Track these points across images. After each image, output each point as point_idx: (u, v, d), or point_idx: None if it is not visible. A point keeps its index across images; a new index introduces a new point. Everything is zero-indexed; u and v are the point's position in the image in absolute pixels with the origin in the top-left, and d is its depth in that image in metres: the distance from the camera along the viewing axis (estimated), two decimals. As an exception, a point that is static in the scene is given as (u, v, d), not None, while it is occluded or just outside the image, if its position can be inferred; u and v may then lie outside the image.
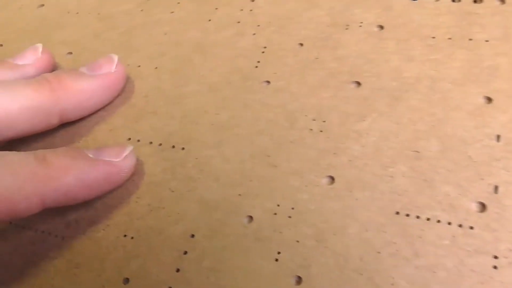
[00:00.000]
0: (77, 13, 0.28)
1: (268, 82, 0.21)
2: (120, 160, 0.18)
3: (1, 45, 0.27)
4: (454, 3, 0.21)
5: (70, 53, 0.25)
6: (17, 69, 0.21)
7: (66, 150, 0.18)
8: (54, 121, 0.20)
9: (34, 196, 0.16)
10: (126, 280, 0.17)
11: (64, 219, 0.18)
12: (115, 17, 0.26)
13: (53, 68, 0.24)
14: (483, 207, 0.15)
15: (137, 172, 0.19)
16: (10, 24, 0.29)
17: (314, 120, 0.19)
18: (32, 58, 0.22)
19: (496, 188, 0.16)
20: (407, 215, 0.16)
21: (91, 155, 0.18)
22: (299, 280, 0.15)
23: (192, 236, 0.17)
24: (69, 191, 0.17)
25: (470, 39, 0.20)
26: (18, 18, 0.29)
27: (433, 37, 0.20)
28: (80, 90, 0.20)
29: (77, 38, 0.26)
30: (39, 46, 0.23)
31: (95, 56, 0.24)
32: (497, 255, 0.14)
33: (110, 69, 0.21)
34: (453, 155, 0.17)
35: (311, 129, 0.19)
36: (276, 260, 0.16)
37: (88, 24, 0.27)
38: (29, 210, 0.16)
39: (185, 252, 0.17)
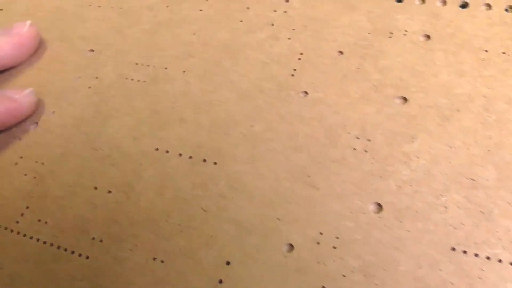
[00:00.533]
0: (99, 6, 0.26)
1: (306, 92, 0.19)
2: (20, 96, 0.20)
3: (17, 37, 0.26)
4: (507, 13, 0.20)
5: (92, 50, 0.24)
6: None
7: None
8: None
9: None
10: (156, 309, 0.15)
11: (88, 235, 0.17)
12: (138, 12, 0.25)
13: None
14: (546, 245, 0.14)
15: (164, 185, 0.18)
16: (29, 14, 0.27)
17: (358, 138, 0.17)
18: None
19: (560, 224, 0.14)
20: (464, 252, 0.14)
21: None
22: (346, 319, 0.14)
23: (228, 263, 0.16)
24: None
25: (527, 54, 0.18)
26: (37, 8, 0.27)
27: (486, 51, 0.19)
28: None
29: (98, 33, 0.25)
30: None
31: (118, 54, 0.23)
32: None
33: (22, 30, 0.23)
34: (513, 185, 0.15)
35: (355, 148, 0.17)
36: (320, 295, 0.15)
37: (109, 18, 0.25)
38: None
39: (220, 281, 0.15)
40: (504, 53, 0.19)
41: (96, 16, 0.26)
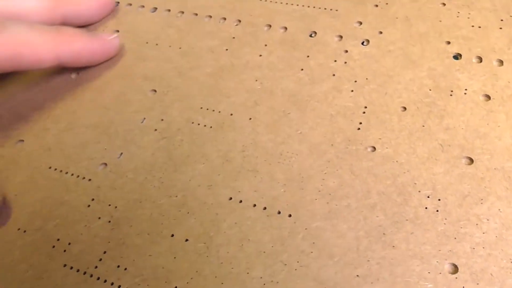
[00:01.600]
0: (157, 44, 0.27)
1: (374, 148, 0.20)
2: (110, 38, 0.26)
3: (77, 73, 0.27)
4: None
5: (154, 90, 0.25)
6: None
7: (76, 28, 0.25)
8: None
9: (53, 51, 0.23)
10: None
11: (170, 285, 0.18)
12: (199, 54, 0.26)
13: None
14: None
15: (244, 237, 0.19)
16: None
17: (428, 197, 0.19)
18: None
19: None
20: (540, 316, 0.16)
21: (90, 33, 0.25)
22: None
23: (312, 317, 0.17)
24: (77, 54, 0.24)
25: None
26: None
27: (546, 114, 0.20)
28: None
29: (160, 74, 0.25)
30: None
31: (181, 97, 0.24)
32: None
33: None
34: None
35: (426, 208, 0.18)
36: None
37: (170, 58, 0.26)
38: (48, 61, 0.23)
39: (307, 336, 0.16)
40: None
41: (156, 56, 0.27)
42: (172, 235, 0.19)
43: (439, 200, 0.18)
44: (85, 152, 0.23)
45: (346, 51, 0.24)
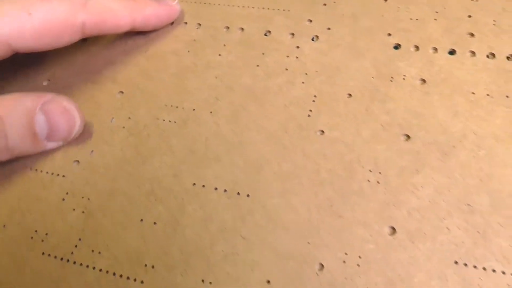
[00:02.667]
0: (124, 50, 0.29)
1: (323, 132, 0.23)
2: (173, 4, 0.28)
3: (49, 80, 0.28)
4: (489, 60, 0.24)
5: (122, 92, 0.27)
6: None
7: None
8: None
9: (129, 16, 0.26)
10: (212, 325, 0.18)
11: (141, 263, 0.20)
12: (163, 57, 0.28)
13: None
14: (532, 258, 0.18)
15: (208, 218, 0.21)
16: (57, 56, 0.30)
17: (370, 171, 0.21)
18: None
19: (542, 241, 0.18)
20: (465, 264, 0.18)
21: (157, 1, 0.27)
22: (374, 326, 0.17)
23: (268, 282, 0.18)
24: (148, 19, 0.27)
25: (507, 96, 0.22)
26: (64, 51, 0.30)
27: (473, 93, 0.22)
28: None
29: (127, 77, 0.27)
30: None
31: (148, 97, 0.26)
32: (547, 303, 0.17)
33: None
34: (502, 209, 0.19)
35: (369, 181, 0.20)
36: (351, 307, 0.17)
37: (137, 62, 0.28)
38: (126, 25, 0.26)
39: (264, 298, 0.18)
40: (488, 95, 0.22)
41: (124, 60, 0.28)
42: (141, 220, 0.21)
43: (380, 173, 0.21)
44: (59, 152, 0.25)
45: (298, 47, 0.26)
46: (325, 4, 0.28)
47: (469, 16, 0.26)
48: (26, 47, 0.24)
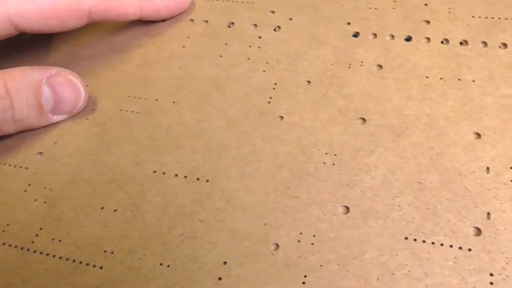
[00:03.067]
0: (91, 45, 0.29)
1: (282, 117, 0.23)
2: None
3: None
4: (443, 45, 0.24)
5: (87, 85, 0.27)
6: None
7: None
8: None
9: (138, 6, 0.26)
10: (168, 306, 0.18)
11: (100, 249, 0.20)
12: (129, 50, 0.28)
13: None
14: (479, 231, 0.18)
15: (167, 203, 0.21)
16: (18, 50, 0.30)
17: (326, 154, 0.21)
18: None
19: (488, 215, 0.18)
20: (415, 239, 0.18)
21: None
22: (326, 301, 0.17)
23: (225, 263, 0.19)
24: (156, 9, 0.27)
25: (459, 79, 0.23)
26: (28, 45, 0.30)
27: (427, 77, 0.23)
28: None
29: (93, 70, 0.28)
30: None
31: (112, 89, 0.26)
32: (493, 273, 0.17)
33: None
34: (451, 185, 0.19)
35: (325, 163, 0.21)
36: (303, 283, 0.18)
37: (103, 56, 0.28)
38: (133, 14, 0.27)
39: (220, 278, 0.18)
40: (441, 78, 0.23)
41: (91, 54, 0.29)
42: (102, 208, 0.21)
43: (336, 155, 0.21)
44: (22, 145, 0.25)
45: (260, 37, 0.27)
46: (287, -5, 0.29)
47: (426, 4, 0.26)
48: (31, 28, 0.25)
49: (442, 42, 0.24)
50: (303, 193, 0.20)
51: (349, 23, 0.26)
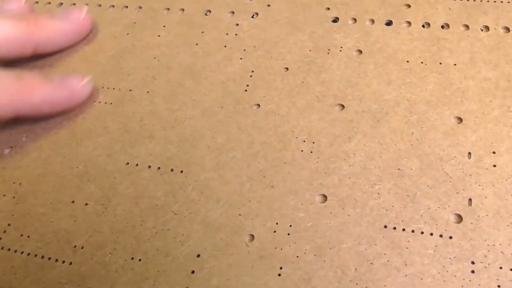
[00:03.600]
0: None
1: (259, 105, 0.22)
2: (79, 86, 0.23)
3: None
4: (424, 29, 0.24)
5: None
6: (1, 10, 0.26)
7: (38, 73, 0.23)
8: (28, 51, 0.24)
9: (9, 105, 0.21)
10: (139, 301, 0.18)
11: (70, 244, 0.19)
12: (102, 40, 0.27)
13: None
14: (460, 218, 0.17)
15: (139, 195, 0.20)
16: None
17: (304, 141, 0.20)
18: (16, 5, 0.26)
19: (470, 201, 0.18)
20: (394, 228, 0.18)
21: (56, 80, 0.23)
22: (302, 292, 0.17)
23: (198, 256, 0.18)
24: (37, 105, 0.22)
25: (441, 63, 0.22)
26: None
27: (408, 61, 0.22)
28: (52, 29, 0.25)
29: (64, 62, 0.27)
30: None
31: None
32: (474, 261, 0.17)
33: (79, 16, 0.26)
34: (431, 172, 0.19)
35: (302, 150, 0.20)
36: (279, 275, 0.17)
37: (75, 46, 0.27)
38: (4, 115, 0.21)
39: (193, 272, 0.18)
40: (422, 63, 0.22)
41: (62, 46, 0.28)
42: (73, 202, 0.21)
43: (313, 143, 0.20)
44: (-8, 139, 0.24)
45: (237, 25, 0.26)
46: (265, -18, 0.28)
47: (406, -12, 0.26)
48: None
49: (423, 26, 0.24)
50: (280, 182, 0.19)
51: (328, 8, 0.26)
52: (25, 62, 0.26)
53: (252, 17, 0.26)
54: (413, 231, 0.17)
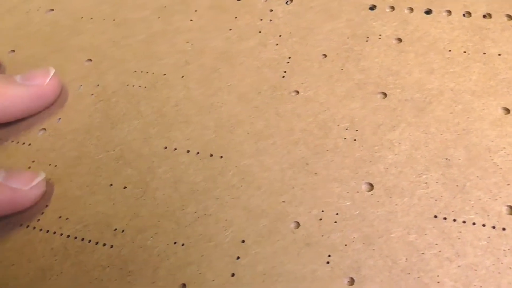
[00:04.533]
0: (91, 18, 0.28)
1: (297, 92, 0.22)
2: (27, 188, 0.19)
3: (13, 50, 0.27)
4: (465, 18, 0.23)
5: (90, 60, 0.26)
6: None
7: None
8: None
9: None
10: (183, 286, 0.17)
11: (110, 227, 0.19)
12: (132, 24, 0.27)
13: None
14: None
15: (178, 180, 0.20)
16: (19, 28, 0.28)
17: (346, 129, 0.20)
18: None
19: (520, 192, 0.17)
20: (445, 218, 0.17)
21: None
22: (351, 281, 0.16)
23: (243, 241, 0.18)
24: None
25: (484, 53, 0.22)
26: (27, 23, 0.29)
27: (450, 51, 0.22)
28: (6, 96, 0.21)
29: (95, 45, 0.26)
30: None
31: (116, 64, 0.25)
32: (526, 253, 0.16)
33: (44, 81, 0.22)
34: (480, 162, 0.18)
35: (345, 138, 0.20)
36: (328, 263, 0.17)
37: (104, 30, 0.27)
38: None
39: (238, 257, 0.17)
40: (465, 52, 0.22)
41: (91, 28, 0.27)
42: (111, 185, 0.20)
43: (357, 130, 0.20)
44: (23, 121, 0.24)
45: (271, 10, 0.26)
46: (299, -32, 0.27)
47: (445, -23, 0.25)
48: None
49: (464, 15, 0.23)
50: (323, 169, 0.19)
51: (365, -4, 0.25)
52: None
53: (286, 3, 0.26)
54: (464, 221, 0.17)
